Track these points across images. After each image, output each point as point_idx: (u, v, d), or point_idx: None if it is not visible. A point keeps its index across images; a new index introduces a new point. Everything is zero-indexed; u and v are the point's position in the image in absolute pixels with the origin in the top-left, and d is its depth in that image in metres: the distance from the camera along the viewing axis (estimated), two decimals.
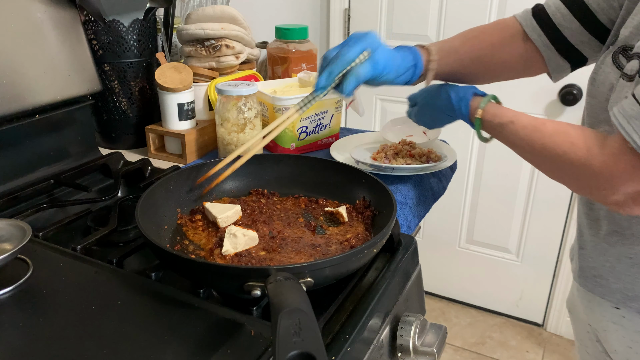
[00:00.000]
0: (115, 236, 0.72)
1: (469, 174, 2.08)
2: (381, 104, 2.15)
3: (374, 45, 0.75)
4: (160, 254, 0.58)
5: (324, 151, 1.10)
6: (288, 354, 0.39)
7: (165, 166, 0.98)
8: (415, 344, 0.66)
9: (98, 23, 0.99)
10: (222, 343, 0.49)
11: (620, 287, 0.76)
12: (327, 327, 0.57)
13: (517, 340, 2.09)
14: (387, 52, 0.77)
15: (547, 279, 2.07)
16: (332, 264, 0.55)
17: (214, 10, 1.11)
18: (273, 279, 0.49)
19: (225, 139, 0.96)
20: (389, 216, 0.65)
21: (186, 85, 1.02)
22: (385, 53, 0.77)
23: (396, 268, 0.69)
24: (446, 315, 2.24)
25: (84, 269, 0.61)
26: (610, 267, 0.76)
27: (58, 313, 0.53)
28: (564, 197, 1.93)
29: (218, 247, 0.65)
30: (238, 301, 0.58)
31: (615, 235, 0.75)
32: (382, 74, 0.76)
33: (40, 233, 0.70)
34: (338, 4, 2.06)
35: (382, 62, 0.76)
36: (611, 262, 0.76)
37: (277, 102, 1.02)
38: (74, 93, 0.93)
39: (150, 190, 0.70)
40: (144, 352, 0.48)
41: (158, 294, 0.57)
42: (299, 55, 1.29)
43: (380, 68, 0.75)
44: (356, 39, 0.75)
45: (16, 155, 0.85)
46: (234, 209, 0.72)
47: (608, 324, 0.79)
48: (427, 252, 2.24)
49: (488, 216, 2.10)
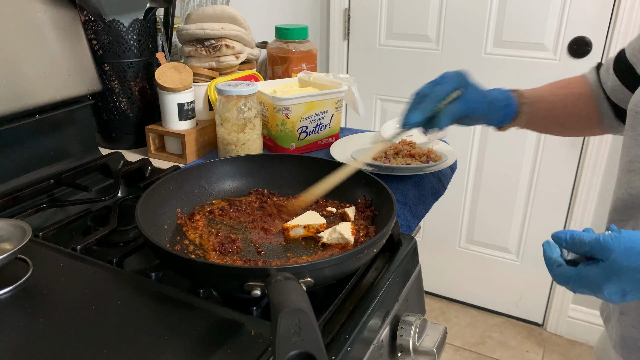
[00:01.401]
0: (115, 236, 0.72)
1: (469, 174, 2.08)
2: (381, 104, 2.15)
3: (465, 84, 0.76)
4: (160, 254, 0.58)
5: (324, 151, 1.10)
6: (288, 354, 0.39)
7: (165, 166, 0.98)
8: (415, 344, 0.65)
9: (98, 23, 0.99)
10: (222, 343, 0.49)
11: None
12: (327, 327, 0.57)
13: (517, 340, 2.09)
14: (478, 92, 0.78)
15: (547, 279, 2.07)
16: (332, 264, 0.54)
17: (214, 10, 1.11)
18: (273, 279, 0.49)
19: (225, 139, 0.96)
20: (389, 216, 0.65)
21: (186, 85, 1.02)
22: (476, 92, 0.78)
23: (396, 268, 0.69)
24: (446, 315, 2.24)
25: (84, 269, 0.61)
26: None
27: (58, 313, 0.53)
28: (564, 197, 1.93)
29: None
30: (238, 301, 0.58)
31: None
32: (473, 112, 0.77)
33: (40, 233, 0.70)
34: (338, 4, 2.06)
35: (474, 101, 0.76)
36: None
37: (277, 102, 1.02)
38: (74, 93, 0.93)
39: (150, 190, 0.70)
40: (144, 352, 0.48)
41: (158, 294, 0.57)
42: (299, 55, 1.29)
43: (472, 106, 0.76)
44: (448, 78, 0.75)
45: (16, 155, 0.85)
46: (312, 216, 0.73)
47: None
48: (427, 252, 2.24)
49: (488, 216, 2.10)
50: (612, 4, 1.67)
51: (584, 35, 1.73)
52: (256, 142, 0.98)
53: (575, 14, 1.72)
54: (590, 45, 1.73)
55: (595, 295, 0.53)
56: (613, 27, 1.68)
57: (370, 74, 2.12)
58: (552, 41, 1.79)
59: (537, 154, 1.93)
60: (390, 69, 2.07)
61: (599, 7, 1.69)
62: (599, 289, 0.52)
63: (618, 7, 1.65)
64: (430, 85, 0.75)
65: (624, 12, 1.64)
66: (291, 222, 0.71)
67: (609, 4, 1.67)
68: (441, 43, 1.95)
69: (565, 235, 0.54)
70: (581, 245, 0.53)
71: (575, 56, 1.76)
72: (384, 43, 2.06)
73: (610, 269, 0.50)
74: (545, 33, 1.78)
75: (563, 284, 0.55)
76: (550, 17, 1.76)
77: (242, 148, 0.96)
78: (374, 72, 2.11)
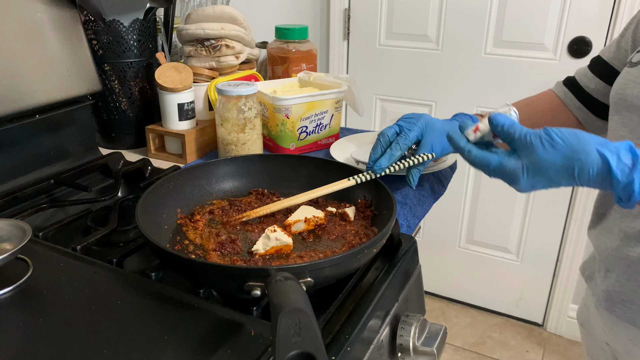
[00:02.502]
0: (115, 236, 0.72)
1: (469, 174, 2.08)
2: (381, 104, 2.15)
3: (425, 126, 0.80)
4: (160, 254, 0.58)
5: (324, 151, 1.10)
6: (288, 354, 0.39)
7: (165, 166, 0.98)
8: (415, 344, 0.66)
9: (98, 23, 0.99)
10: (222, 343, 0.49)
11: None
12: (327, 327, 0.57)
13: (517, 340, 2.09)
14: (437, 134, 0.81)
15: (547, 279, 2.07)
16: (332, 264, 0.54)
17: (214, 10, 1.11)
18: (273, 279, 0.49)
19: (225, 139, 0.96)
20: (389, 216, 0.65)
21: (186, 85, 1.02)
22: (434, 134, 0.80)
23: (396, 268, 0.69)
24: (446, 315, 2.24)
25: (84, 269, 0.61)
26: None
27: (58, 313, 0.53)
28: (564, 197, 1.93)
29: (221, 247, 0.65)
30: (238, 301, 0.58)
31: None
32: (443, 151, 0.82)
33: (40, 233, 0.70)
34: (338, 4, 2.06)
35: (439, 148, 0.80)
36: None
37: (277, 102, 1.02)
38: (74, 93, 0.93)
39: (150, 190, 0.70)
40: (144, 352, 0.48)
41: (158, 294, 0.57)
42: (299, 55, 1.29)
43: (439, 152, 0.81)
44: (410, 120, 0.80)
45: (16, 155, 0.85)
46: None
47: (634, 349, 0.76)
48: (427, 252, 2.24)
49: (488, 216, 2.10)
50: (612, 4, 1.67)
51: (584, 35, 1.73)
52: (256, 142, 0.98)
53: (575, 14, 1.72)
54: (590, 45, 1.73)
55: (507, 183, 0.59)
56: (613, 27, 1.68)
57: (370, 74, 2.12)
58: (552, 41, 1.79)
59: None
60: (390, 69, 2.07)
61: (599, 7, 1.69)
62: (516, 180, 0.57)
63: (618, 7, 1.65)
64: (394, 127, 0.80)
65: (624, 12, 1.64)
66: (291, 218, 0.71)
67: (609, 4, 1.67)
68: (441, 43, 1.95)
69: (504, 122, 0.58)
70: (509, 139, 0.58)
71: (575, 56, 1.76)
72: (384, 43, 2.06)
73: (531, 166, 0.56)
74: (545, 33, 1.78)
75: (479, 168, 0.60)
76: (550, 17, 1.76)
77: (242, 148, 0.96)
78: (374, 72, 2.11)
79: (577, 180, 0.54)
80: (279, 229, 0.65)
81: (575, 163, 0.53)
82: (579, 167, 0.53)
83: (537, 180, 0.56)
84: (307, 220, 0.71)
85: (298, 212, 0.72)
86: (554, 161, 0.54)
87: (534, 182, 0.57)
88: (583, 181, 0.54)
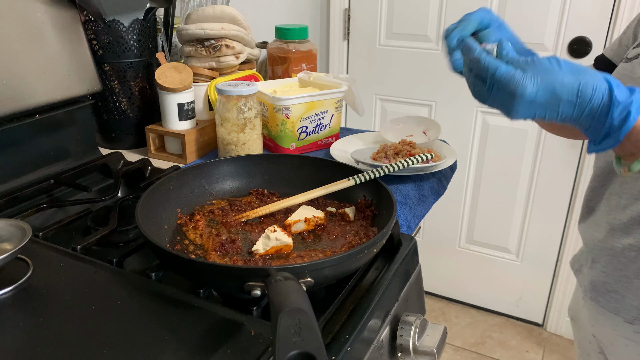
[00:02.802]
0: (115, 236, 0.72)
1: (469, 174, 2.08)
2: (381, 104, 2.15)
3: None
4: (160, 254, 0.58)
5: (324, 151, 1.10)
6: (288, 354, 0.39)
7: (165, 166, 0.98)
8: (415, 344, 0.65)
9: (98, 23, 0.99)
10: (222, 343, 0.49)
11: (638, 305, 0.75)
12: (327, 327, 0.57)
13: (517, 340, 2.09)
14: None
15: (547, 279, 2.07)
16: (332, 264, 0.54)
17: (214, 10, 1.11)
18: (273, 279, 0.49)
19: (225, 139, 0.96)
20: (389, 216, 0.65)
21: (186, 85, 1.02)
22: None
23: (396, 268, 0.69)
24: (446, 315, 2.24)
25: (84, 269, 0.61)
26: (628, 282, 0.75)
27: (58, 313, 0.53)
28: (564, 197, 1.93)
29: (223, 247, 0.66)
30: (238, 301, 0.58)
31: (633, 250, 0.74)
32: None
33: (40, 233, 0.70)
34: (338, 4, 2.06)
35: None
36: (629, 277, 0.75)
37: (277, 102, 1.02)
38: (74, 93, 0.93)
39: (151, 190, 0.70)
40: (144, 352, 0.48)
41: (158, 294, 0.57)
42: (299, 55, 1.29)
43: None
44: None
45: (16, 155, 0.85)
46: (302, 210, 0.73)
47: (618, 339, 0.78)
48: (427, 252, 2.24)
49: (488, 216, 2.10)
50: (612, 4, 1.67)
51: (584, 36, 1.73)
52: (256, 142, 0.98)
53: (575, 14, 1.72)
54: (590, 45, 1.73)
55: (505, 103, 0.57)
56: (613, 27, 1.68)
57: (370, 74, 2.12)
58: (552, 41, 1.79)
59: (537, 154, 1.93)
60: (390, 69, 2.07)
61: (599, 7, 1.69)
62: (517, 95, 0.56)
63: (618, 7, 1.65)
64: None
65: (624, 12, 1.64)
66: (291, 218, 0.71)
67: (609, 4, 1.67)
68: (441, 43, 1.95)
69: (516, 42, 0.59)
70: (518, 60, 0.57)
71: (575, 56, 1.76)
72: (384, 43, 2.06)
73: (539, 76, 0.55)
74: (545, 33, 1.78)
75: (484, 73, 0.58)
76: (550, 17, 1.76)
77: (242, 148, 0.96)
78: (374, 72, 2.11)
79: (578, 98, 0.55)
80: (279, 229, 0.65)
81: (581, 79, 0.55)
82: (584, 83, 0.55)
83: (539, 96, 0.55)
84: (307, 220, 0.71)
85: (298, 212, 0.72)
86: (562, 76, 0.55)
87: (534, 98, 0.55)
88: (583, 102, 0.55)
